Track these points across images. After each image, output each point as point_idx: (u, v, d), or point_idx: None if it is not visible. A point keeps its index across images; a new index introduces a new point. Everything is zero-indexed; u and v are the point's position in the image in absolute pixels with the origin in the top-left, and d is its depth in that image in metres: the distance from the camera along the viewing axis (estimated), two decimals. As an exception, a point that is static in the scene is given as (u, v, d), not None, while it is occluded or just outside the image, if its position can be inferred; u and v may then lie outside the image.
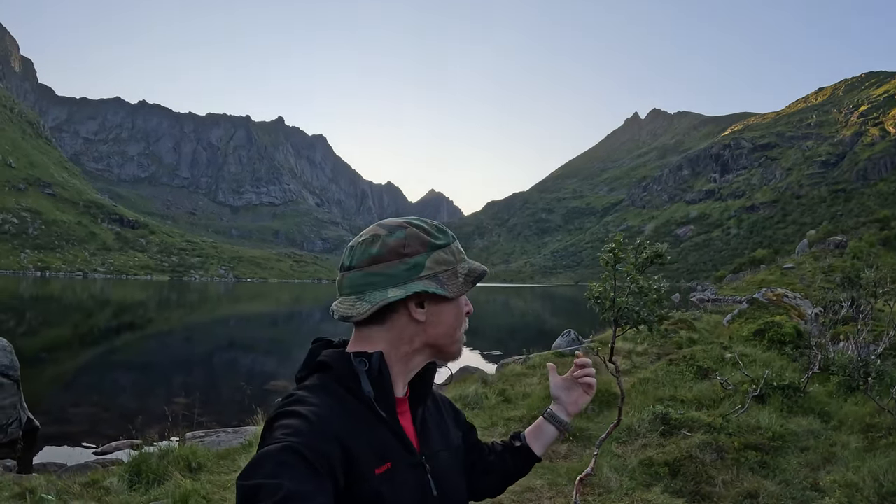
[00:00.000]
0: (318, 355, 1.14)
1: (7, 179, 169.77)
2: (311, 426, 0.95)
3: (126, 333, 30.39)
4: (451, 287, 1.15)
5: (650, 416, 6.87)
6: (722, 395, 7.91)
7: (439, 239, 1.17)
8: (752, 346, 11.40)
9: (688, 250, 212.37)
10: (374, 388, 1.08)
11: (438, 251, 1.15)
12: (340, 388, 1.08)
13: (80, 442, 10.00)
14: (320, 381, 1.09)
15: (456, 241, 1.21)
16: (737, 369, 8.95)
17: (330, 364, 1.10)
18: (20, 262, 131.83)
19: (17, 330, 26.86)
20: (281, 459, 0.87)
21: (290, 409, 0.99)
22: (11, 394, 9.32)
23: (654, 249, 4.27)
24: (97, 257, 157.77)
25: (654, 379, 9.52)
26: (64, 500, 4.67)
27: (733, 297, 35.24)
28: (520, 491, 5.26)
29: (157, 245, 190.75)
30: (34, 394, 11.72)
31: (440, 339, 1.17)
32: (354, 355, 1.10)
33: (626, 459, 5.90)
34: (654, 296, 4.29)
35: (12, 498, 4.98)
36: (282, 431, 0.94)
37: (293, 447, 0.89)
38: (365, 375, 1.07)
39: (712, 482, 5.19)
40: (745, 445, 5.80)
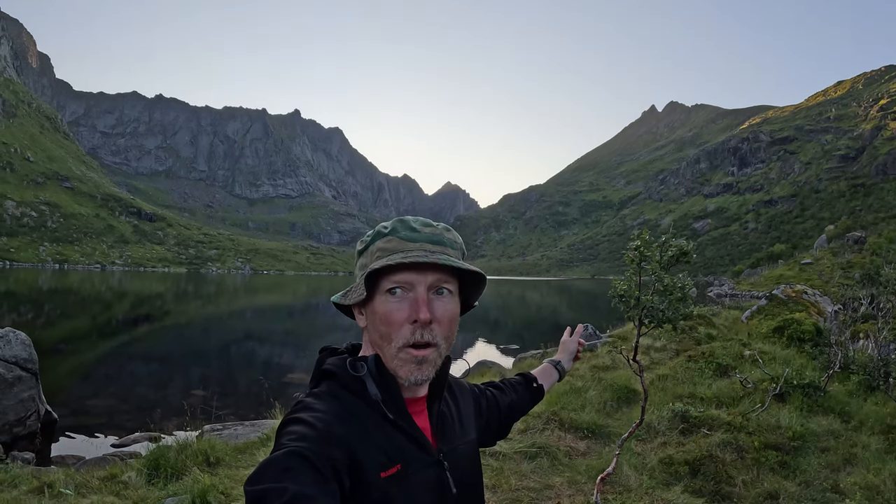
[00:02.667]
0: (323, 363, 1.16)
1: (26, 173, 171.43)
2: (316, 431, 0.96)
3: (144, 325, 30.60)
4: (352, 293, 1.14)
5: (669, 414, 6.79)
6: (741, 394, 7.81)
7: (364, 242, 1.18)
8: (771, 343, 11.26)
9: (705, 244, 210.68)
10: (379, 390, 1.08)
11: (360, 257, 1.17)
12: (347, 393, 1.09)
13: (98, 434, 10.10)
14: (328, 388, 1.11)
15: (379, 240, 1.13)
16: (756, 367, 8.84)
17: (334, 371, 1.12)
18: (39, 254, 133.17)
19: (36, 322, 27.14)
20: (286, 464, 0.89)
21: (295, 417, 1.01)
22: (30, 386, 9.38)
23: (679, 247, 4.20)
24: (115, 250, 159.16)
25: (673, 376, 9.43)
26: (82, 495, 4.68)
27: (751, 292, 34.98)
28: (539, 489, 5.22)
29: (175, 238, 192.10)
30: (53, 386, 11.83)
31: (377, 349, 1.12)
32: (353, 360, 1.12)
33: (646, 458, 5.83)
34: (678, 294, 4.23)
35: (31, 492, 4.99)
36: (287, 437, 0.96)
37: (298, 452, 0.91)
38: (370, 378, 1.09)
39: (732, 482, 5.13)
40: (765, 445, 5.72)
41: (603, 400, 8.45)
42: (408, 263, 1.05)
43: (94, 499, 4.24)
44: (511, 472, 5.62)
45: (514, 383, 1.70)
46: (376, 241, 1.13)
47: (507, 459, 5.99)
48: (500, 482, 5.33)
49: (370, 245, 1.14)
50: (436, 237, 1.12)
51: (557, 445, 6.46)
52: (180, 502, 4.23)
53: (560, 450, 6.33)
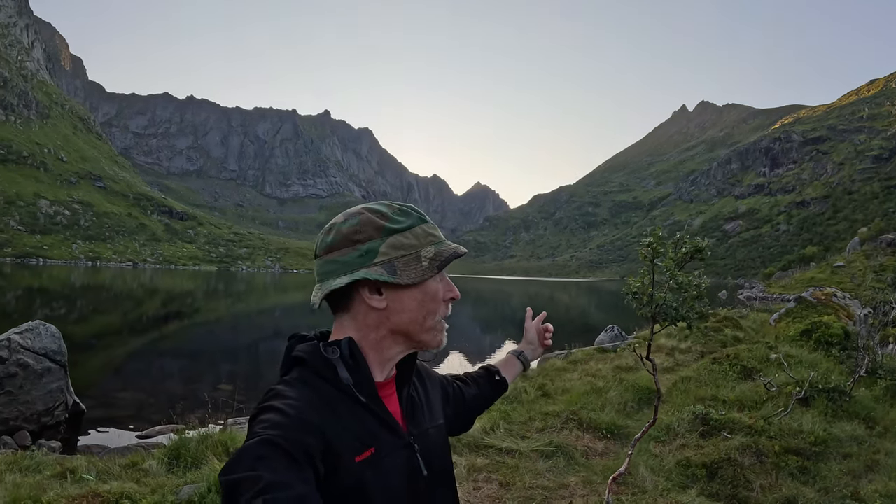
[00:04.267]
0: (293, 351, 1.14)
1: (59, 173, 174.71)
2: (288, 418, 0.96)
3: (174, 322, 31.02)
4: (407, 273, 1.12)
5: (690, 416, 6.73)
6: (765, 397, 7.70)
7: (399, 223, 1.14)
8: (798, 346, 11.09)
9: (736, 246, 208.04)
10: (350, 374, 1.08)
11: (395, 235, 1.13)
12: (318, 379, 1.08)
13: (124, 426, 10.26)
14: (298, 374, 1.09)
15: (425, 224, 1.17)
16: (781, 370, 8.71)
17: (304, 358, 1.10)
18: (72, 252, 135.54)
19: (69, 317, 27.66)
20: (259, 453, 0.89)
21: (267, 405, 1.01)
22: (58, 378, 9.60)
23: (694, 244, 4.16)
24: (147, 248, 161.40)
25: (697, 378, 9.34)
26: (103, 481, 4.79)
27: (781, 295, 34.48)
28: (553, 488, 5.21)
29: (206, 236, 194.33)
30: (83, 378, 12.05)
31: (405, 326, 1.14)
32: (325, 345, 1.11)
33: (664, 459, 5.79)
34: (694, 292, 4.19)
35: (54, 477, 5.12)
36: (260, 426, 0.96)
37: (270, 440, 0.91)
38: (340, 363, 1.07)
39: (750, 486, 5.06)
40: (785, 450, 5.64)
41: (623, 401, 8.41)
42: (461, 253, 1.18)
43: (114, 485, 4.33)
44: (526, 470, 5.62)
45: (477, 377, 1.71)
46: (421, 225, 1.16)
47: (524, 458, 6.00)
48: (514, 480, 5.33)
49: (413, 227, 1.15)
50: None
51: (575, 445, 6.45)
52: (197, 490, 4.31)
53: (577, 449, 6.32)
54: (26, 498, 4.05)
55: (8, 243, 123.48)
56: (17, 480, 4.94)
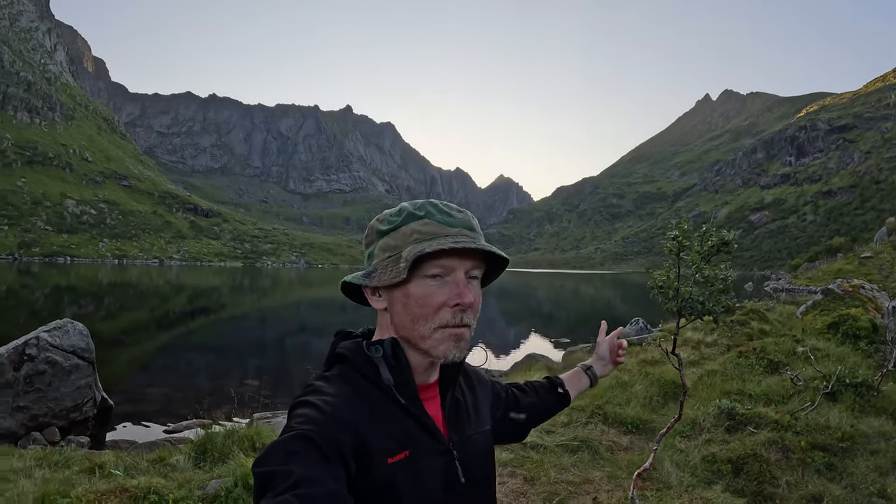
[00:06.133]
0: (337, 347, 1.16)
1: (85, 173, 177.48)
2: (324, 414, 0.97)
3: (200, 317, 31.36)
4: (382, 275, 1.10)
5: (716, 411, 6.66)
6: (792, 391, 7.60)
7: (389, 223, 1.13)
8: (825, 339, 10.92)
9: (762, 237, 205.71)
10: (392, 374, 1.07)
11: (384, 238, 1.13)
12: (359, 376, 1.08)
13: (151, 421, 10.40)
14: (339, 371, 1.10)
15: (416, 221, 1.10)
16: (808, 364, 8.59)
17: (346, 355, 1.11)
18: (99, 250, 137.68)
19: (97, 314, 28.09)
20: (292, 447, 0.89)
21: (305, 400, 1.01)
22: (87, 374, 9.76)
23: (720, 237, 4.11)
24: (172, 245, 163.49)
25: (723, 371, 9.23)
26: (131, 475, 4.86)
27: (808, 287, 33.98)
28: (578, 482, 5.19)
29: (230, 233, 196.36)
30: (111, 374, 12.23)
31: (402, 330, 1.11)
32: (368, 343, 1.11)
33: (689, 454, 5.73)
34: (720, 285, 4.14)
35: (82, 472, 5.22)
36: (296, 420, 0.96)
37: (304, 434, 0.91)
38: (383, 363, 1.07)
39: (776, 483, 4.99)
40: (812, 445, 5.55)
41: (649, 395, 8.34)
42: (459, 249, 1.06)
43: (141, 479, 4.40)
44: (551, 464, 5.60)
45: (538, 386, 1.67)
46: (410, 223, 1.10)
47: (548, 452, 5.98)
48: (538, 474, 5.32)
49: (400, 226, 1.11)
50: (470, 223, 1.13)
51: (600, 440, 6.42)
52: (223, 484, 4.36)
53: (602, 444, 6.29)
54: (55, 493, 4.11)
55: (35, 243, 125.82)
56: (47, 476, 5.03)
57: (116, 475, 4.91)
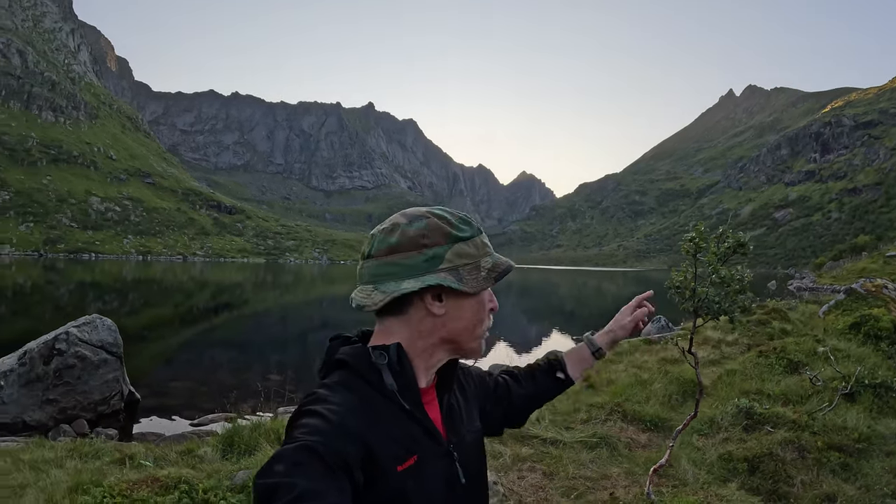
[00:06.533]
0: (335, 353, 1.13)
1: (109, 171, 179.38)
2: (330, 425, 0.94)
3: (224, 313, 31.72)
4: (471, 282, 1.12)
5: (734, 410, 6.69)
6: (810, 391, 7.58)
7: (463, 231, 1.14)
8: (846, 339, 10.84)
9: (786, 235, 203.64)
10: (396, 380, 1.06)
11: (460, 243, 1.13)
12: (362, 383, 1.06)
13: (177, 414, 10.62)
14: (341, 378, 1.07)
15: (481, 235, 1.18)
16: (828, 364, 8.56)
17: (349, 361, 1.08)
18: (123, 246, 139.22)
19: (122, 310, 28.54)
20: (296, 459, 0.87)
21: (309, 409, 0.98)
22: (114, 368, 10.02)
23: (736, 239, 4.18)
24: (196, 241, 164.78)
25: (742, 371, 9.23)
26: (160, 466, 5.01)
27: (832, 286, 33.54)
28: (596, 478, 5.28)
29: (253, 229, 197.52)
30: (137, 369, 12.47)
31: (459, 334, 1.14)
32: (373, 349, 1.09)
33: (706, 452, 5.78)
34: (737, 286, 4.20)
35: (112, 463, 5.40)
36: (300, 430, 0.94)
37: (309, 446, 0.89)
38: (387, 369, 1.06)
39: (791, 482, 5.02)
40: (828, 445, 5.56)
41: (668, 393, 8.39)
42: (513, 267, 1.20)
43: (171, 470, 4.54)
44: (570, 460, 5.69)
45: (537, 371, 1.64)
46: (480, 236, 1.17)
47: (567, 448, 6.06)
48: (557, 470, 5.41)
49: (474, 237, 1.16)
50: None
51: (618, 437, 6.49)
52: (251, 475, 4.48)
53: (620, 441, 6.36)
54: (88, 482, 4.26)
55: (61, 239, 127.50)
56: (79, 466, 5.21)
57: (146, 466, 5.07)
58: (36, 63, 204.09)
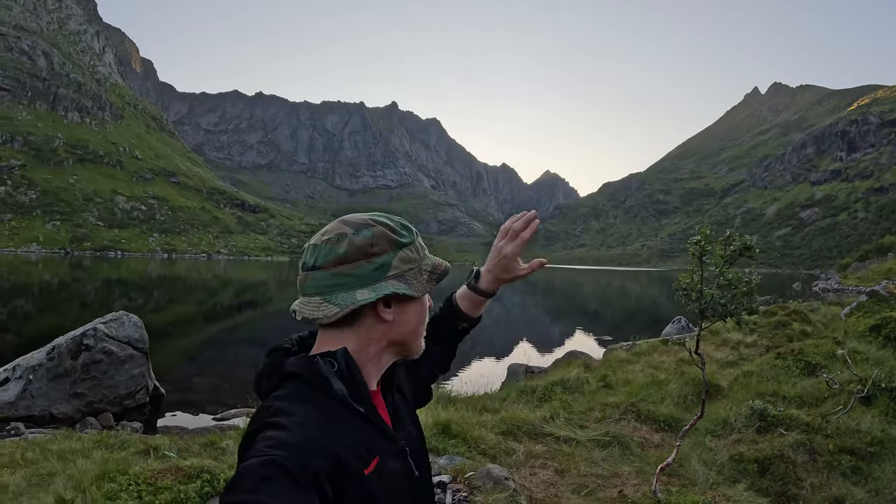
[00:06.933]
0: (281, 365, 1.10)
1: (135, 170, 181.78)
2: (294, 437, 0.91)
3: (247, 311, 32.07)
4: (417, 285, 1.15)
5: (747, 411, 6.70)
6: (826, 394, 7.54)
7: (404, 237, 1.15)
8: (866, 342, 10.74)
9: (812, 235, 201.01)
10: (346, 385, 1.04)
11: (404, 249, 1.14)
12: (316, 392, 1.03)
13: (201, 409, 10.85)
14: (295, 389, 1.05)
15: (419, 238, 1.20)
16: (846, 367, 8.54)
17: (299, 372, 1.06)
18: (148, 245, 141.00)
19: (147, 307, 29.01)
20: (262, 474, 0.84)
21: (271, 421, 0.96)
22: (140, 364, 10.28)
23: (742, 241, 4.24)
24: (220, 240, 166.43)
25: (759, 372, 9.21)
26: (183, 457, 5.19)
27: (857, 287, 33.18)
28: (606, 476, 5.34)
29: (277, 228, 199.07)
30: (162, 364, 12.73)
31: (406, 337, 1.17)
32: (321, 356, 1.07)
33: (717, 453, 5.81)
34: (744, 288, 4.26)
35: (137, 453, 5.63)
36: (264, 443, 0.90)
37: (275, 461, 0.85)
38: (334, 376, 1.04)
39: (800, 484, 5.03)
40: (840, 449, 5.56)
41: (683, 394, 8.41)
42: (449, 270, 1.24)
43: (193, 461, 4.69)
44: (582, 458, 5.76)
45: (440, 330, 1.57)
46: (417, 240, 1.19)
47: (580, 446, 6.12)
48: (569, 467, 5.48)
49: (414, 241, 1.18)
50: None
51: (631, 436, 6.54)
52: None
53: (633, 440, 6.41)
54: (114, 471, 4.44)
55: (87, 237, 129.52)
56: (105, 456, 5.43)
57: (170, 456, 5.26)
58: (62, 65, 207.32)
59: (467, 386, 10.67)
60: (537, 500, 4.76)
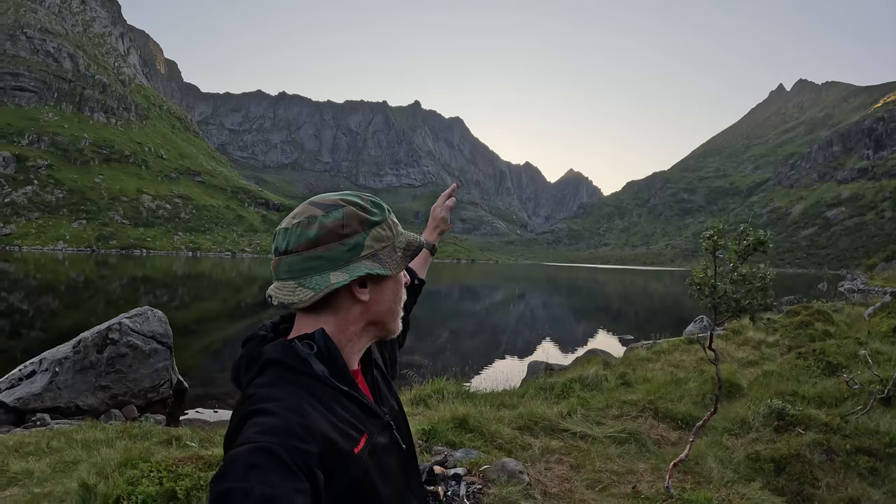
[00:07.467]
0: (259, 354, 1.09)
1: (160, 170, 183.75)
2: (283, 422, 0.90)
3: (270, 308, 32.22)
4: (391, 264, 1.15)
5: (766, 410, 6.67)
6: (846, 394, 7.48)
7: (375, 215, 1.15)
8: (889, 343, 10.63)
9: (838, 234, 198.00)
10: (326, 365, 1.05)
11: (376, 228, 1.15)
12: (298, 375, 1.03)
13: (223, 403, 10.99)
14: (276, 374, 1.04)
15: (391, 214, 1.20)
16: (867, 367, 8.46)
17: (278, 359, 1.05)
18: (173, 243, 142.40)
19: (172, 304, 29.36)
20: (252, 461, 0.82)
21: (259, 407, 0.94)
22: (165, 358, 10.46)
23: (756, 237, 4.24)
24: (244, 238, 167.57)
25: (779, 372, 9.15)
26: (205, 447, 5.30)
27: (883, 287, 32.71)
28: (622, 472, 5.35)
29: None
30: (185, 359, 12.92)
31: (383, 316, 1.17)
32: (299, 339, 1.08)
33: (734, 452, 5.80)
34: (758, 283, 4.26)
35: (160, 443, 5.79)
36: (253, 430, 0.89)
37: (266, 447, 0.84)
38: (314, 357, 1.04)
39: (816, 484, 5.00)
40: (857, 449, 5.51)
41: (702, 392, 8.39)
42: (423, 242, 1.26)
43: (215, 451, 4.79)
44: (597, 454, 5.78)
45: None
46: (390, 217, 1.20)
47: (596, 442, 6.14)
48: (584, 462, 5.50)
49: (388, 218, 1.19)
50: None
51: (648, 433, 6.54)
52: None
53: (650, 437, 6.41)
54: (137, 458, 4.57)
55: (113, 236, 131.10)
56: (128, 445, 5.58)
57: (192, 446, 5.39)
58: (87, 66, 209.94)
59: (487, 382, 10.71)
60: (551, 494, 4.79)
